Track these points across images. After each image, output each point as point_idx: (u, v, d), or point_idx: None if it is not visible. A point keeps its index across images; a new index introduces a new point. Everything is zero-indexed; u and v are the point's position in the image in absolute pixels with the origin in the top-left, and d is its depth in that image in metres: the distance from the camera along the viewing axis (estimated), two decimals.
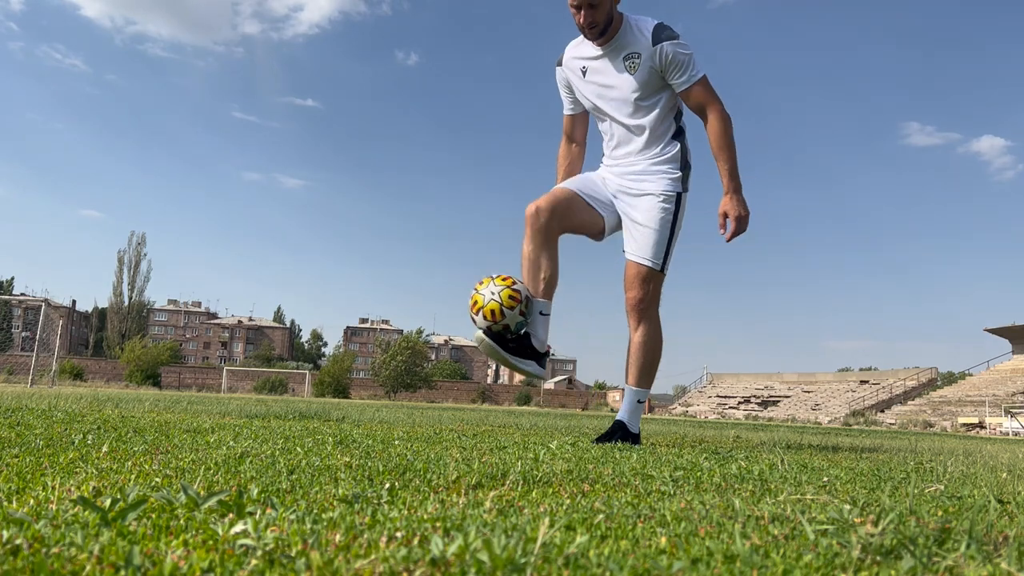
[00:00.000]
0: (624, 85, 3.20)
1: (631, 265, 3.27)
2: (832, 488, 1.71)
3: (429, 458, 2.00)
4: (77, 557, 0.78)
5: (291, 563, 0.79)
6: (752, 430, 8.14)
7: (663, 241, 3.25)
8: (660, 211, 3.24)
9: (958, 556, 0.91)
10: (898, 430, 22.75)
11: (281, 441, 2.43)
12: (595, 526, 1.08)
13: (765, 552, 0.93)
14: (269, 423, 3.69)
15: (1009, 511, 1.37)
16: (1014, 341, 47.99)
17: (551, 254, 3.21)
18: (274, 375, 59.99)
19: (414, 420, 5.14)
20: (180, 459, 1.73)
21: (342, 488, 1.34)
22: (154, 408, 4.97)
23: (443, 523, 1.03)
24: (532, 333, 3.13)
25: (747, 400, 54.47)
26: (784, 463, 2.38)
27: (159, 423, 3.17)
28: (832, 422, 38.92)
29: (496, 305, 3.02)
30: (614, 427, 3.28)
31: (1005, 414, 32.56)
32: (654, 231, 3.24)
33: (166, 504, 1.07)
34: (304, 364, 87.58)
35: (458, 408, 17.17)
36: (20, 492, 1.19)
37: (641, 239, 3.25)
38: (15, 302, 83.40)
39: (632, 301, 3.26)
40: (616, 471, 1.87)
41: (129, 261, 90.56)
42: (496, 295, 3.04)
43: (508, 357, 3.07)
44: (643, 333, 3.26)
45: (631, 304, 3.26)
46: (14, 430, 2.34)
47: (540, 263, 3.17)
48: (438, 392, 65.51)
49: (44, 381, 23.86)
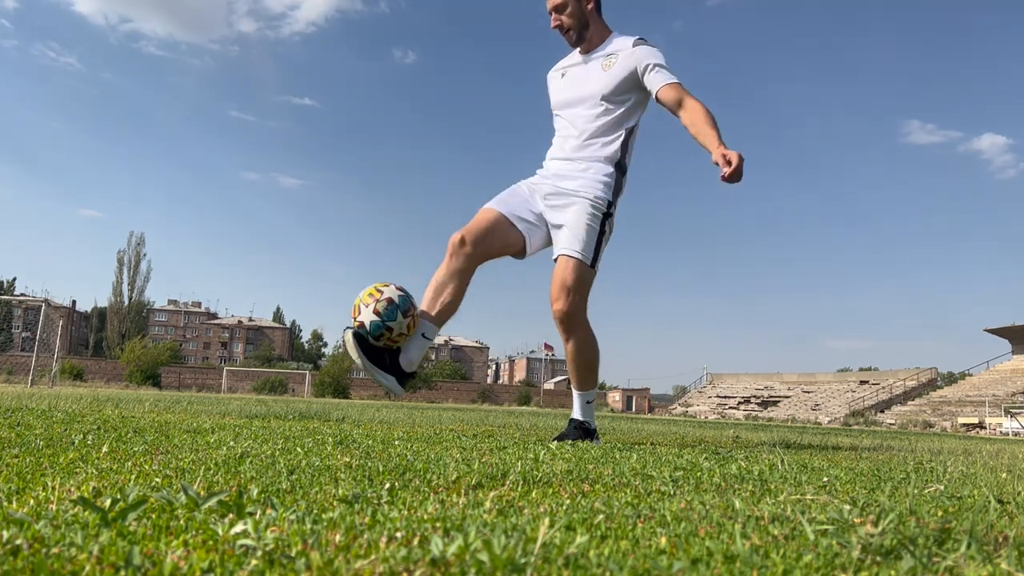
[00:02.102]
0: (596, 82, 3.23)
1: (560, 261, 3.17)
2: (832, 488, 1.71)
3: (429, 458, 2.00)
4: (77, 557, 0.78)
5: (291, 563, 0.79)
6: (752, 430, 8.14)
7: (591, 241, 3.17)
8: (588, 216, 3.17)
9: (958, 556, 0.91)
10: (898, 430, 22.76)
11: (281, 441, 2.43)
12: (595, 526, 1.08)
13: (765, 552, 0.93)
14: (269, 423, 3.69)
15: (1009, 511, 1.37)
16: (1014, 341, 48.00)
17: (461, 283, 3.17)
18: (274, 375, 60.00)
19: (414, 420, 5.14)
20: (180, 459, 1.73)
21: (342, 488, 1.34)
22: (154, 408, 4.97)
23: (443, 523, 1.03)
24: (404, 349, 3.06)
25: (747, 400, 54.48)
26: (784, 463, 2.38)
27: (159, 423, 3.17)
28: (832, 422, 38.93)
29: (357, 302, 2.99)
30: (571, 426, 3.35)
31: (1005, 414, 32.57)
32: (582, 230, 3.17)
33: (166, 504, 1.07)
34: (304, 364, 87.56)
35: (458, 408, 17.17)
36: (20, 492, 1.19)
37: (568, 237, 3.18)
38: (15, 302, 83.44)
39: (557, 315, 3.15)
40: (616, 471, 1.87)
41: (129, 261, 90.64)
42: (360, 293, 3.01)
43: (364, 361, 2.97)
44: (574, 344, 3.20)
45: (556, 317, 3.16)
46: (14, 430, 2.34)
47: (445, 288, 3.14)
48: (438, 392, 65.53)
49: (44, 381, 23.87)
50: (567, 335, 3.20)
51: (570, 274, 3.14)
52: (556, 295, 3.15)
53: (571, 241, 3.17)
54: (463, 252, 3.16)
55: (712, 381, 62.39)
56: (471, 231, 3.19)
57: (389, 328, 2.96)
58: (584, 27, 3.24)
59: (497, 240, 3.23)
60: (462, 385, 75.53)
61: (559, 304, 3.15)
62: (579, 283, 3.15)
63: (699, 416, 44.18)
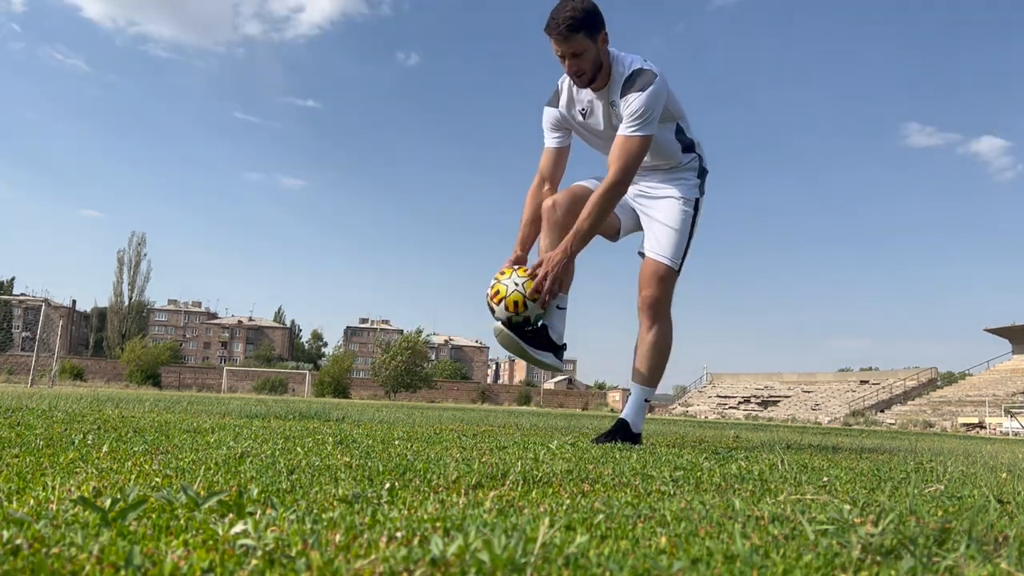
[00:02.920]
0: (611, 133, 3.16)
1: (649, 263, 3.27)
2: (832, 488, 1.71)
3: (429, 458, 2.00)
4: (77, 557, 0.78)
5: (291, 563, 0.79)
6: (752, 430, 8.14)
7: (683, 242, 3.28)
8: (681, 212, 3.28)
9: (958, 556, 0.91)
10: (898, 430, 22.75)
11: (281, 441, 2.43)
12: (595, 526, 1.08)
13: (765, 552, 0.93)
14: (269, 423, 3.69)
15: (1009, 511, 1.37)
16: (1014, 341, 47.99)
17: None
18: (274, 375, 59.99)
19: (414, 420, 5.14)
20: (180, 459, 1.73)
21: (342, 488, 1.34)
22: (154, 408, 4.97)
23: (443, 523, 1.03)
24: (550, 325, 3.12)
25: (747, 400, 54.47)
26: (784, 463, 2.38)
27: (159, 423, 3.17)
28: (832, 422, 38.91)
29: (519, 296, 2.99)
30: (617, 426, 3.26)
31: (1005, 414, 32.57)
32: (675, 231, 3.26)
33: (166, 504, 1.07)
34: (304, 364, 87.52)
35: (458, 408, 17.16)
36: (20, 492, 1.19)
37: (663, 238, 3.27)
38: (15, 302, 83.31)
39: (647, 300, 3.25)
40: (616, 471, 1.87)
41: (129, 261, 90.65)
42: (520, 286, 3.00)
43: (527, 348, 3.05)
44: (656, 333, 3.26)
45: (646, 303, 3.26)
46: (14, 430, 2.34)
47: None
48: (438, 392, 65.51)
49: (44, 381, 23.87)
50: (651, 322, 3.26)
51: (660, 272, 3.24)
52: (646, 283, 3.24)
53: (663, 244, 3.26)
54: (556, 217, 3.20)
55: (712, 381, 62.38)
56: (564, 196, 3.23)
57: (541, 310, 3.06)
58: (599, 68, 3.08)
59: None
60: (462, 385, 75.53)
61: (649, 290, 3.24)
62: (668, 280, 3.26)
63: (699, 416, 44.16)
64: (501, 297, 3.01)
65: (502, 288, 3.01)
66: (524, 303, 2.99)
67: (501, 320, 3.03)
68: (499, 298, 3.01)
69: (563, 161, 3.38)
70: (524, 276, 3.03)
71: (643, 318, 3.28)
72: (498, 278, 3.06)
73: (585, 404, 67.19)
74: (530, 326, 3.06)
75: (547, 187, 3.37)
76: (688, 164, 3.34)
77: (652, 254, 3.27)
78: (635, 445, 3.10)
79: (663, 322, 3.27)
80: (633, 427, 3.24)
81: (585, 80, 3.09)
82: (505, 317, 3.01)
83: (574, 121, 3.28)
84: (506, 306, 3.00)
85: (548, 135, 3.34)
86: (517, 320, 3.02)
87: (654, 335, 3.25)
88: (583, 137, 3.35)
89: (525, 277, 3.02)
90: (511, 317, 3.01)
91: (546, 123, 3.33)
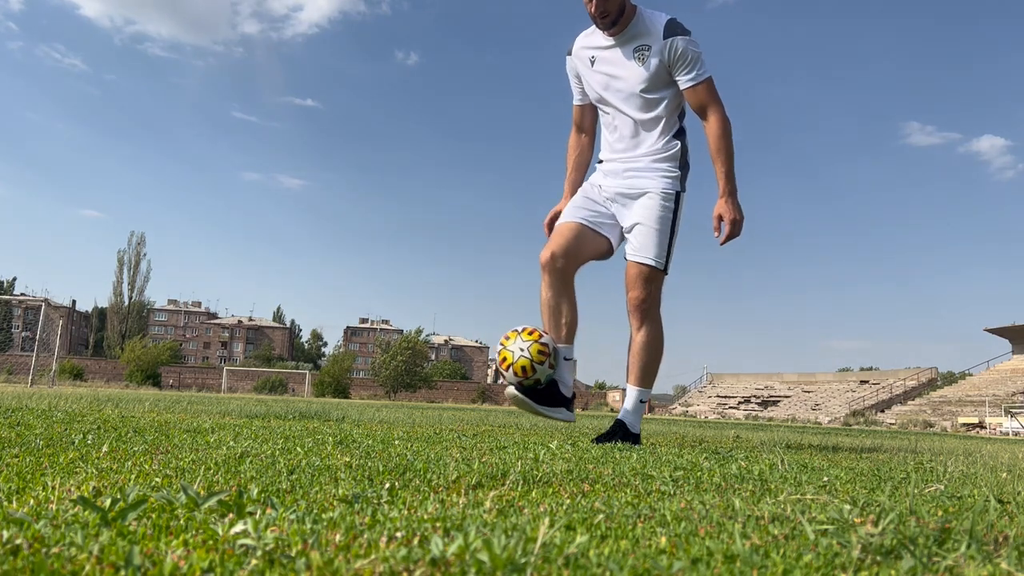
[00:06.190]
0: (632, 76, 3.20)
1: (632, 265, 3.27)
2: (832, 488, 1.71)
3: (429, 458, 2.00)
4: (77, 557, 0.78)
5: (291, 563, 0.79)
6: (752, 430, 8.14)
7: (664, 240, 3.24)
8: (660, 209, 3.24)
9: (958, 556, 0.91)
10: (898, 430, 22.74)
11: (281, 441, 2.43)
12: (595, 526, 1.08)
13: (765, 552, 0.93)
14: (269, 423, 3.68)
15: (1009, 511, 1.37)
16: (1014, 341, 47.98)
17: (570, 298, 3.27)
18: (274, 375, 60.01)
19: (414, 420, 5.14)
20: (180, 459, 1.73)
21: (342, 488, 1.34)
22: (154, 408, 4.97)
23: (443, 523, 1.03)
24: (559, 380, 3.20)
25: (747, 400, 54.46)
26: (784, 463, 2.38)
27: (159, 423, 3.17)
28: (832, 422, 38.91)
29: (527, 361, 3.08)
30: (615, 427, 3.28)
31: (1005, 414, 32.55)
32: (654, 230, 3.23)
33: (166, 504, 1.07)
34: (304, 364, 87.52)
35: (458, 408, 17.17)
36: (20, 492, 1.19)
37: (642, 238, 3.25)
38: (15, 302, 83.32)
39: (634, 301, 3.25)
40: (616, 471, 1.87)
41: (129, 261, 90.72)
42: (526, 351, 3.09)
43: (539, 409, 3.17)
44: (645, 333, 3.26)
45: (633, 304, 3.26)
46: (14, 430, 2.34)
47: (561, 309, 3.24)
48: (438, 392, 65.50)
49: (44, 381, 23.86)
50: (640, 323, 3.27)
51: (645, 273, 3.24)
52: (632, 284, 3.26)
53: (645, 245, 3.25)
54: (558, 268, 3.25)
55: (712, 381, 62.36)
56: (559, 245, 3.28)
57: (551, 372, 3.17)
58: (622, 11, 3.15)
59: (586, 248, 3.33)
60: (462, 385, 75.48)
61: (636, 292, 3.25)
62: (654, 280, 3.26)
63: (699, 416, 44.15)
64: (509, 364, 3.10)
65: (508, 355, 3.11)
66: (532, 367, 3.08)
67: (513, 385, 3.13)
68: (507, 364, 3.11)
69: (591, 113, 3.55)
70: (529, 340, 3.11)
71: (632, 320, 3.29)
72: (504, 343, 3.15)
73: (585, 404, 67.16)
74: (540, 385, 3.15)
75: (583, 135, 3.60)
76: (671, 153, 3.27)
77: (635, 256, 3.26)
78: (634, 445, 3.11)
79: (652, 322, 3.28)
80: (631, 427, 3.26)
81: (608, 22, 3.16)
82: (516, 382, 3.12)
83: (581, 66, 3.37)
84: (514, 372, 3.10)
85: (573, 89, 3.52)
86: (528, 384, 3.12)
87: (644, 336, 3.27)
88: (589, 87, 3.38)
89: (531, 340, 3.10)
90: (522, 381, 3.11)
91: (568, 73, 3.50)
